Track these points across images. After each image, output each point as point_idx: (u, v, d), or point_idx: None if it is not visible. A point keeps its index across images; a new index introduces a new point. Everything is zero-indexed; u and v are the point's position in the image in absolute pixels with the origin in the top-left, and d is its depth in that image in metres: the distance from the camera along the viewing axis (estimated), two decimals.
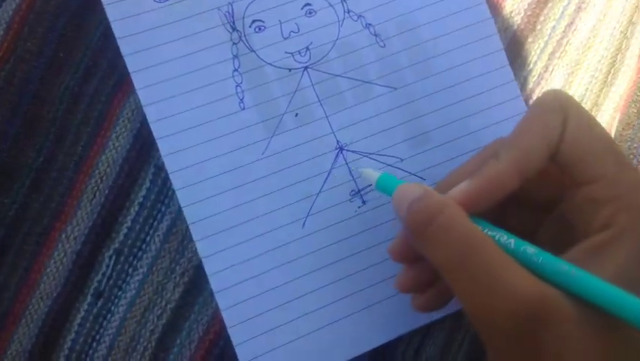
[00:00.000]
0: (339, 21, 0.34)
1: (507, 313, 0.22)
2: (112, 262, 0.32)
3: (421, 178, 0.34)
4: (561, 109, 0.25)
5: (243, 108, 0.33)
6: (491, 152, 0.27)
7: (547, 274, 0.23)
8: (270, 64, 0.33)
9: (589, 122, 0.26)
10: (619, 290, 0.22)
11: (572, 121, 0.25)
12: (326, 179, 0.33)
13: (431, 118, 0.34)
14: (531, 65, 0.36)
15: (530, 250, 0.24)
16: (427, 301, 0.28)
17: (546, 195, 0.27)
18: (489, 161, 0.26)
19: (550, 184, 0.26)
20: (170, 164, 0.32)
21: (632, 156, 0.36)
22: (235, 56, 0.33)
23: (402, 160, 0.34)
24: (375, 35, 0.34)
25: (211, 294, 0.32)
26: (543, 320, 0.22)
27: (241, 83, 0.33)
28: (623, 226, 0.23)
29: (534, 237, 0.28)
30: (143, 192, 0.32)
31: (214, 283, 0.31)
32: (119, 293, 0.32)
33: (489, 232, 0.25)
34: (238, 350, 0.31)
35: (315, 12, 0.34)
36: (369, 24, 0.34)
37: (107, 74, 0.33)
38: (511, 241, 0.24)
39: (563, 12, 0.37)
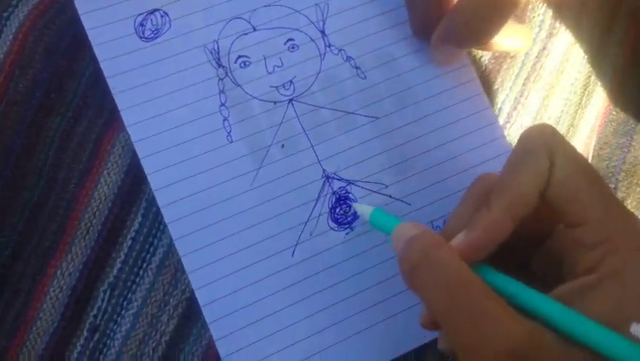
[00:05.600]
0: (320, 55, 0.36)
1: (494, 352, 0.22)
2: (107, 296, 0.33)
3: (407, 203, 0.35)
4: (547, 147, 0.25)
5: (231, 141, 0.34)
6: (480, 193, 0.27)
7: (540, 314, 0.23)
8: (255, 98, 0.35)
9: (576, 162, 0.25)
10: (606, 330, 0.22)
11: (559, 160, 0.25)
12: (313, 207, 0.34)
13: (412, 145, 0.35)
14: (507, 91, 0.38)
15: (523, 290, 0.24)
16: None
17: (536, 230, 0.27)
18: (481, 210, 0.26)
19: (540, 219, 0.26)
20: (160, 198, 0.32)
21: (610, 175, 0.37)
22: (221, 91, 0.34)
23: (386, 186, 0.35)
24: (356, 68, 0.36)
25: (204, 326, 0.32)
26: (530, 357, 0.22)
27: (228, 117, 0.34)
28: (607, 271, 0.23)
29: (529, 267, 0.28)
30: (136, 227, 0.33)
31: (207, 314, 0.32)
32: (115, 327, 0.32)
33: (486, 277, 0.25)
34: None
35: (298, 47, 0.35)
36: (350, 57, 0.36)
37: (97, 113, 0.34)
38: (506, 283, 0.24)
39: (535, 38, 0.38)
